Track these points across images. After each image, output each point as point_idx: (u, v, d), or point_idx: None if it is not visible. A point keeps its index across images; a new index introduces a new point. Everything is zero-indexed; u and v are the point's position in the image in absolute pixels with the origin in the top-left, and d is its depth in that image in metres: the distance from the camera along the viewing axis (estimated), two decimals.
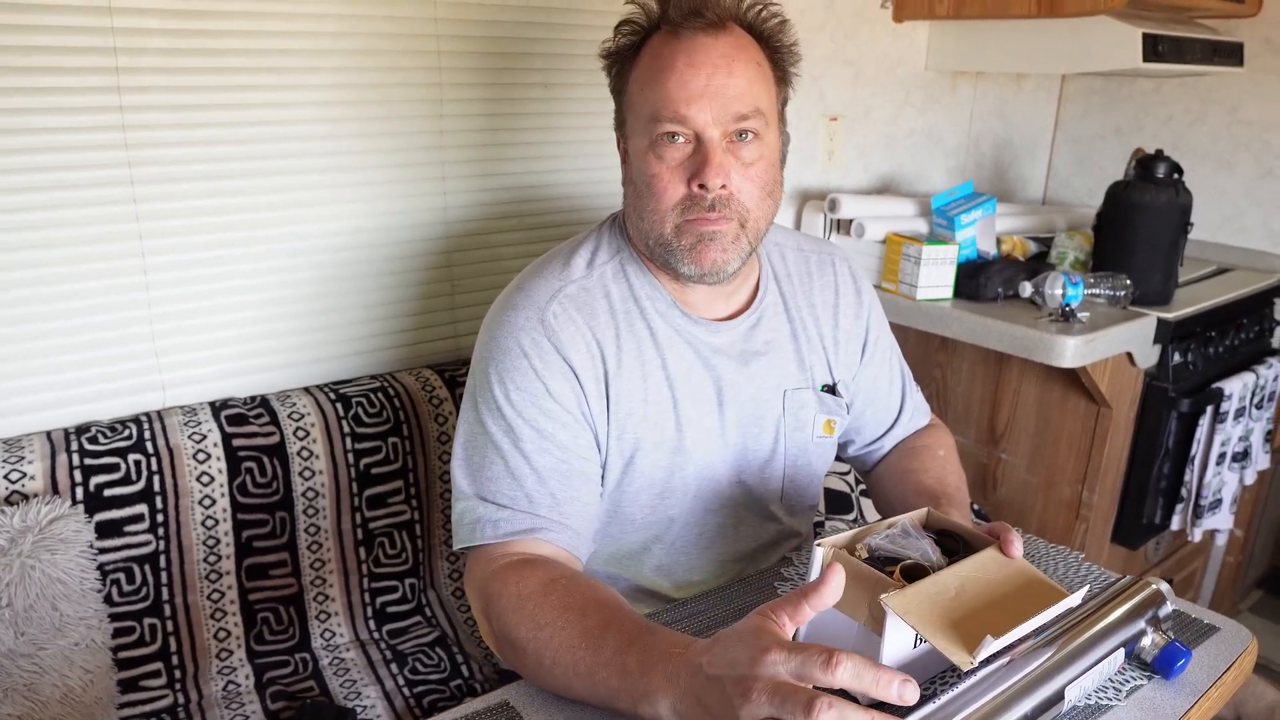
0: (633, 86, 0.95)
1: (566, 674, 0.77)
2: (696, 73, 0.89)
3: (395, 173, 1.42)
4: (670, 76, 0.90)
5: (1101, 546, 1.87)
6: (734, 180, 0.91)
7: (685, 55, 0.90)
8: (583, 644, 0.76)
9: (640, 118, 0.93)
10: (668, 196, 0.92)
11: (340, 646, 1.31)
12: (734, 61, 0.91)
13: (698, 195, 0.91)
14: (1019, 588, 0.78)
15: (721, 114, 0.90)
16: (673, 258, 0.94)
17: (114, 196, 1.21)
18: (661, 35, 0.93)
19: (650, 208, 0.93)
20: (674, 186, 0.92)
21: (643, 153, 0.93)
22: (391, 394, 1.37)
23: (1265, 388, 1.99)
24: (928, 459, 1.11)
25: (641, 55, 0.94)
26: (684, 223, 0.92)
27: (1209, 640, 0.89)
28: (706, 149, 0.90)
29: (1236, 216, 2.27)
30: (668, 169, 0.91)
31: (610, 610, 0.79)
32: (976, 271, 1.76)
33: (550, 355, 0.93)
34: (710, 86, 0.89)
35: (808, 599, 0.65)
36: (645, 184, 0.93)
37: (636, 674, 0.71)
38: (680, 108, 0.89)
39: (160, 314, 1.28)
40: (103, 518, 1.16)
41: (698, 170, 0.90)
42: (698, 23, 0.90)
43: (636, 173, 0.95)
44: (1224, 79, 2.22)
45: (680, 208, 0.92)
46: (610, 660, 0.74)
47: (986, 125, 2.41)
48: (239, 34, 1.24)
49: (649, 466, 0.99)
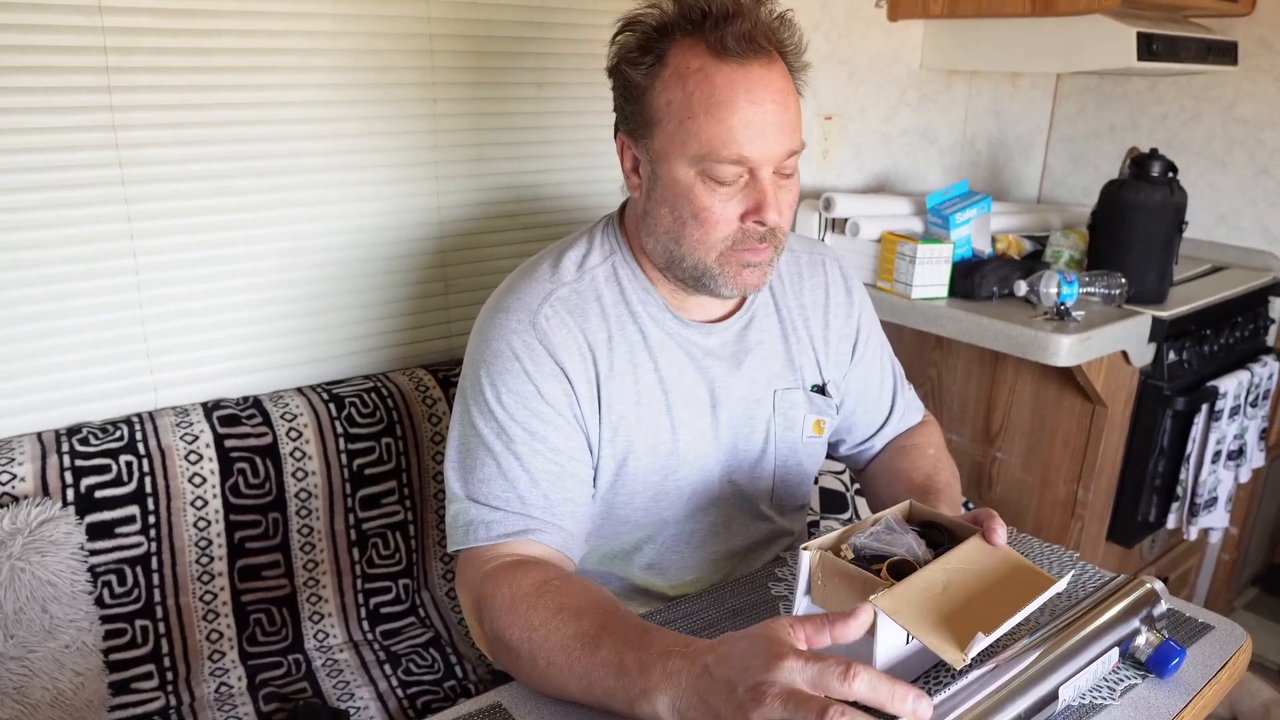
0: (667, 106, 0.89)
1: (561, 675, 0.77)
2: (759, 110, 0.87)
3: (389, 172, 1.42)
4: (731, 113, 0.86)
5: (1097, 545, 1.87)
6: (783, 212, 0.91)
7: (745, 91, 0.86)
8: (578, 644, 0.76)
9: (688, 147, 0.88)
10: (719, 230, 0.90)
11: (333, 647, 1.30)
12: (788, 96, 0.89)
13: (750, 229, 0.90)
14: (1005, 576, 0.78)
15: (778, 152, 0.89)
16: (713, 282, 0.94)
17: (105, 196, 1.20)
18: (704, 53, 0.87)
19: (696, 237, 0.91)
20: (726, 221, 0.90)
21: (688, 181, 0.90)
22: (385, 394, 1.37)
23: (1260, 386, 1.99)
24: (918, 457, 1.11)
25: (678, 68, 0.88)
26: (729, 252, 0.92)
27: (1203, 639, 0.89)
28: (763, 187, 0.89)
29: (1231, 215, 2.27)
30: (720, 202, 0.90)
31: (605, 611, 0.78)
32: (971, 270, 1.75)
33: (542, 357, 0.93)
34: (769, 125, 0.87)
35: (834, 628, 0.65)
36: (693, 214, 0.90)
37: (634, 672, 0.71)
38: (744, 149, 0.87)
39: (152, 314, 1.27)
40: (94, 519, 1.15)
41: (756, 207, 0.89)
42: (750, 50, 0.87)
43: (681, 201, 0.91)
44: (1218, 78, 2.22)
45: (731, 239, 0.91)
46: (606, 660, 0.73)
47: (981, 124, 2.41)
48: (231, 33, 1.24)
49: (642, 469, 0.99)
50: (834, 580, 0.78)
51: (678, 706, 0.67)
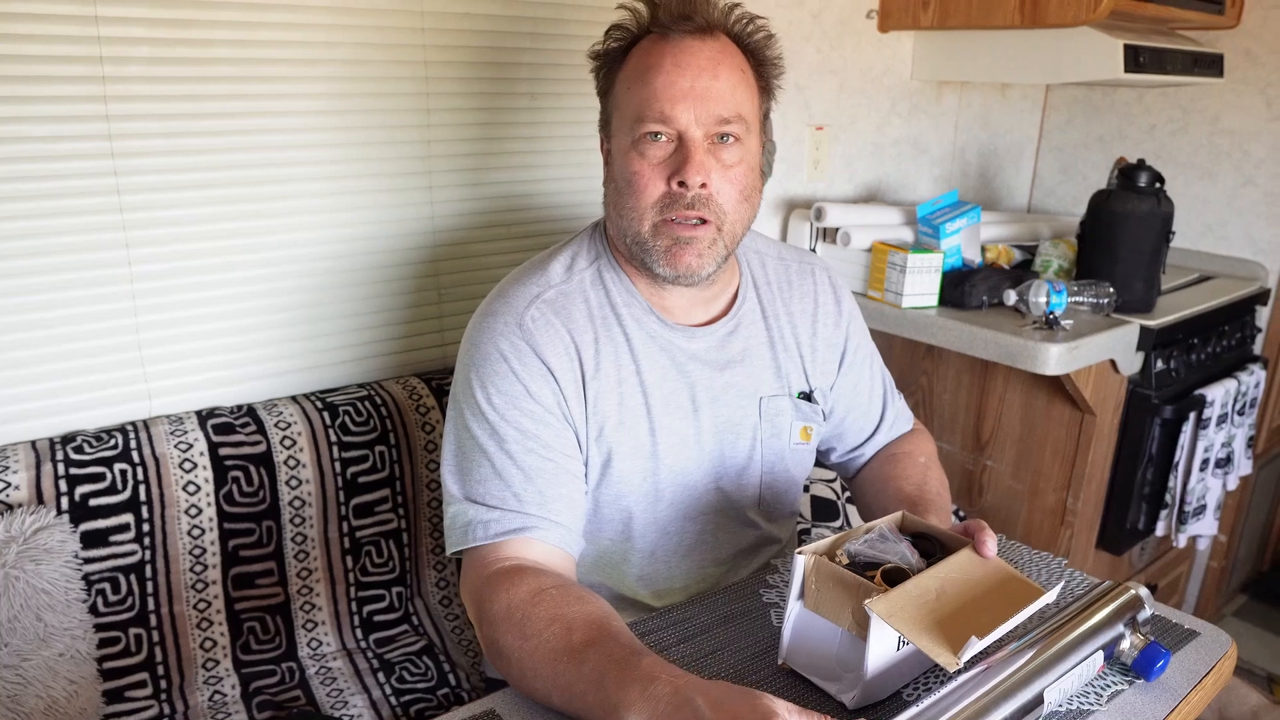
0: (619, 86, 0.97)
1: (546, 685, 0.78)
2: (683, 73, 0.91)
3: (382, 182, 1.43)
4: (657, 76, 0.92)
5: (1086, 552, 1.88)
6: (714, 180, 0.93)
7: (672, 56, 0.92)
8: (566, 657, 0.77)
9: (625, 116, 0.95)
10: (648, 193, 0.93)
11: (327, 655, 1.31)
12: (719, 65, 0.92)
13: (677, 193, 0.92)
14: (997, 586, 0.79)
15: (704, 115, 0.91)
16: (649, 257, 0.96)
17: (100, 206, 1.21)
18: (651, 38, 0.95)
19: (630, 204, 0.95)
20: (654, 184, 0.93)
21: (625, 150, 0.95)
22: (379, 403, 1.38)
23: (1247, 394, 2.01)
24: (909, 466, 1.12)
25: (630, 57, 0.97)
26: (662, 222, 0.94)
27: (1189, 645, 0.90)
28: (688, 147, 0.92)
29: (1218, 225, 2.29)
30: (649, 166, 0.93)
31: (598, 626, 0.79)
32: (961, 280, 1.77)
33: (529, 358, 0.94)
34: (695, 87, 0.91)
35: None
36: (626, 181, 0.95)
37: (611, 687, 0.71)
38: (665, 107, 0.91)
39: (147, 323, 1.28)
40: (88, 527, 1.16)
41: (679, 168, 0.92)
42: (686, 26, 0.93)
43: (618, 170, 0.96)
44: (1205, 89, 2.25)
45: (659, 205, 0.93)
46: (589, 674, 0.74)
47: (972, 134, 2.43)
48: (226, 43, 1.25)
49: (626, 471, 1.00)
50: (828, 585, 0.79)
51: None
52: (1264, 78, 2.16)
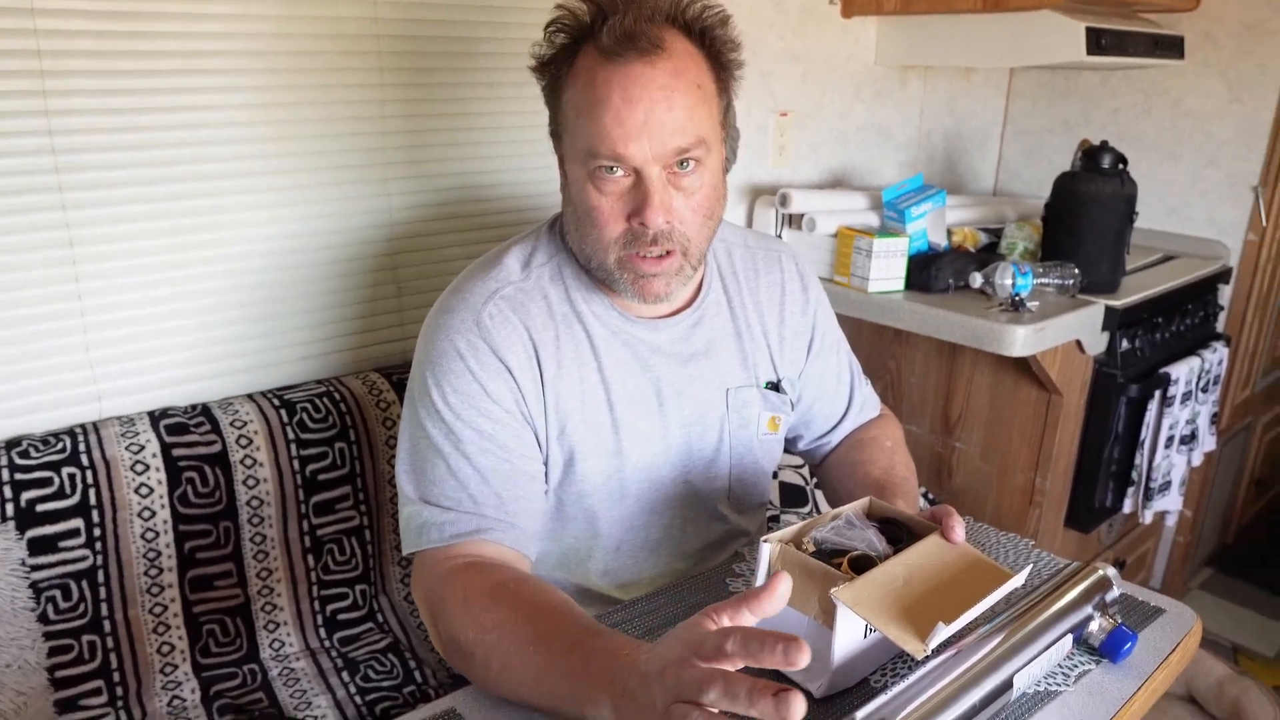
0: (567, 108, 0.90)
1: (515, 679, 0.76)
2: (633, 109, 0.84)
3: (337, 174, 1.39)
4: (606, 111, 0.84)
5: (1055, 531, 1.89)
6: (675, 211, 0.88)
7: (621, 89, 0.84)
8: (531, 647, 0.75)
9: (577, 145, 0.88)
10: (608, 230, 0.89)
11: (290, 656, 1.28)
12: (673, 93, 0.85)
13: (639, 230, 0.88)
14: (964, 571, 0.78)
15: (660, 150, 0.85)
16: (616, 286, 0.93)
17: (42, 203, 1.17)
18: (594, 55, 0.86)
19: (592, 237, 0.90)
20: (614, 221, 0.89)
21: (581, 181, 0.89)
22: (337, 399, 1.35)
23: (1210, 371, 2.03)
24: (875, 450, 1.11)
25: (576, 70, 0.88)
26: (625, 256, 0.90)
27: (1155, 622, 0.90)
28: (647, 187, 0.86)
29: (1181, 206, 2.31)
30: (607, 202, 0.88)
31: (559, 613, 0.78)
32: (927, 263, 1.77)
33: (486, 356, 0.92)
34: (649, 123, 0.84)
35: (748, 604, 0.62)
36: (584, 214, 0.90)
37: (581, 676, 0.70)
38: (617, 146, 0.85)
39: (94, 322, 1.24)
40: (35, 534, 1.12)
41: (638, 208, 0.87)
42: (629, 48, 0.84)
43: (576, 198, 0.91)
44: (1167, 72, 2.26)
45: (621, 241, 0.89)
46: (557, 664, 0.73)
47: (937, 119, 2.43)
48: (171, 35, 1.21)
49: (589, 470, 0.98)
50: (794, 573, 0.77)
51: (617, 708, 0.66)
52: (1224, 60, 2.18)
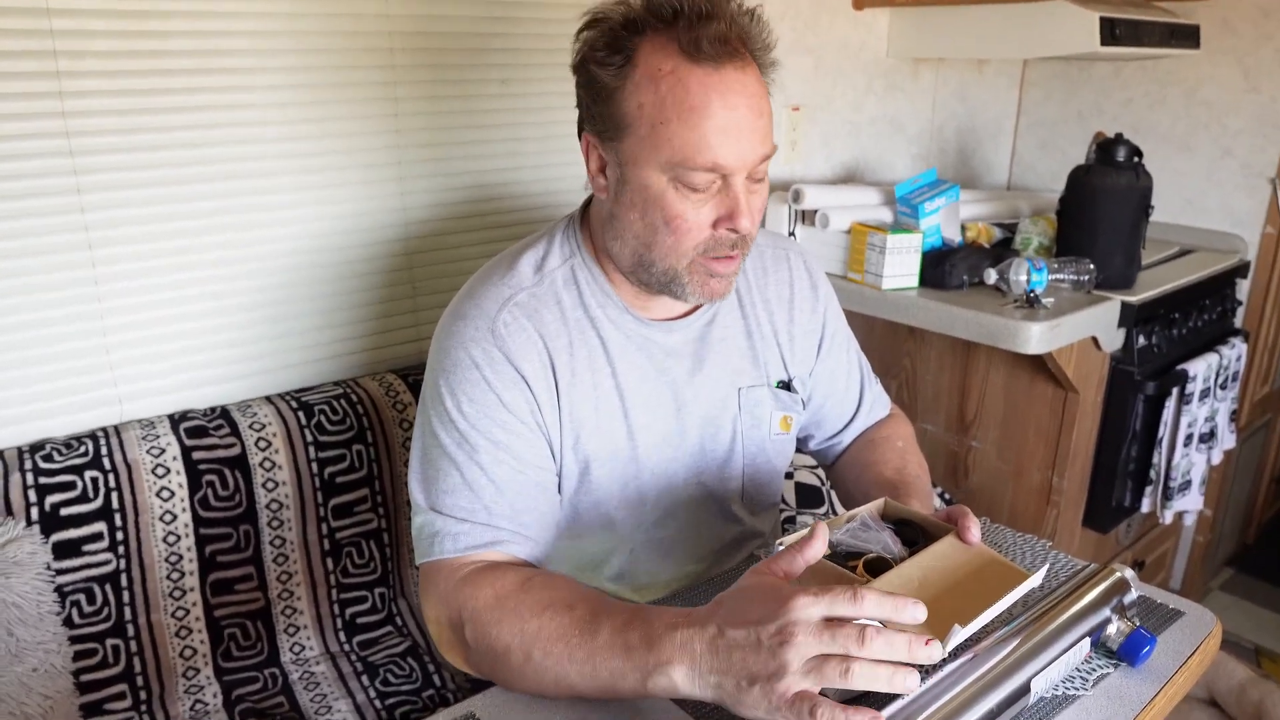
0: (644, 112, 0.85)
1: (562, 664, 0.76)
2: (733, 116, 0.84)
3: (352, 174, 1.40)
4: (706, 119, 0.83)
5: (1073, 531, 1.88)
6: (754, 215, 0.89)
7: (720, 96, 0.83)
8: (575, 631, 0.76)
9: (660, 153, 0.85)
10: (691, 236, 0.88)
11: (310, 660, 1.29)
12: (761, 100, 0.86)
13: (722, 236, 0.89)
14: (980, 572, 0.78)
15: (751, 158, 0.86)
16: (681, 289, 0.92)
17: (60, 206, 1.18)
18: (676, 55, 0.84)
19: (669, 244, 0.89)
20: (699, 228, 0.88)
21: (660, 186, 0.87)
22: (354, 400, 1.35)
23: (1229, 368, 2.01)
24: (887, 450, 1.11)
25: (649, 69, 0.85)
26: (701, 260, 0.90)
27: (1174, 625, 0.90)
28: (736, 194, 0.87)
29: (1197, 198, 2.29)
30: (693, 209, 0.87)
31: (594, 600, 0.79)
32: (941, 259, 1.76)
33: (502, 365, 0.91)
34: (744, 130, 0.85)
35: (801, 552, 0.69)
36: (665, 221, 0.88)
37: (642, 649, 0.71)
38: (719, 157, 0.84)
39: (114, 325, 1.25)
40: (60, 538, 1.13)
41: (729, 214, 0.87)
42: (725, 54, 0.83)
43: (652, 207, 0.88)
44: (1182, 61, 2.24)
45: (702, 247, 0.89)
46: (609, 642, 0.73)
47: (949, 111, 2.42)
48: (185, 34, 1.22)
49: (604, 477, 0.98)
50: (809, 576, 0.77)
51: (699, 672, 0.68)
52: (1241, 48, 2.15)
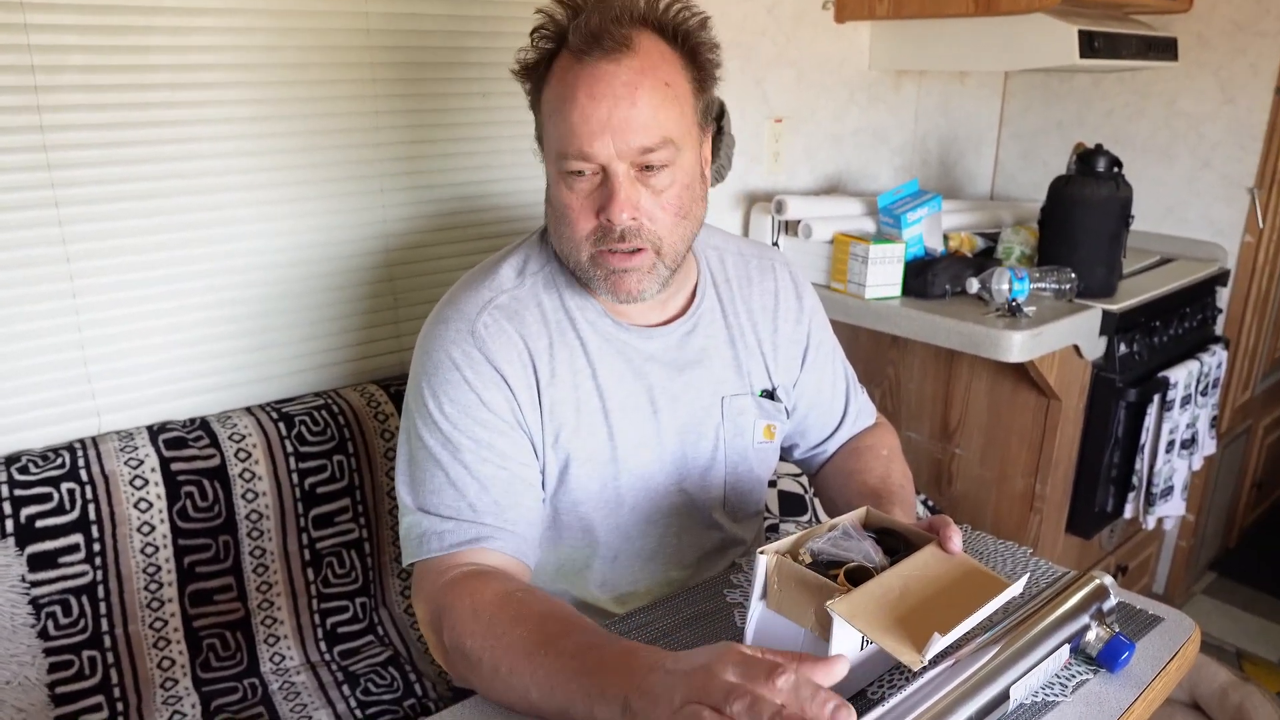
0: (544, 109, 0.92)
1: (524, 680, 0.76)
2: (597, 106, 0.86)
3: (332, 186, 1.40)
4: (573, 110, 0.86)
5: (1056, 537, 1.89)
6: (643, 209, 0.90)
7: (586, 86, 0.86)
8: (542, 650, 0.76)
9: (550, 146, 0.91)
10: (579, 227, 0.91)
11: (290, 670, 1.28)
12: (637, 90, 0.86)
13: (607, 226, 0.90)
14: (961, 581, 0.78)
15: (625, 147, 0.87)
16: (591, 284, 0.94)
17: (38, 219, 1.17)
18: (567, 57, 0.89)
19: (566, 235, 0.93)
20: (584, 218, 0.90)
21: (555, 179, 0.92)
22: (335, 411, 1.35)
23: (1209, 374, 2.03)
24: (871, 459, 1.11)
25: (552, 72, 0.90)
26: (597, 253, 0.91)
27: (1153, 631, 0.90)
28: (612, 183, 0.88)
29: (1177, 207, 2.31)
30: (577, 200, 0.90)
31: (570, 620, 0.79)
32: (924, 269, 1.77)
33: (482, 366, 0.92)
34: (612, 120, 0.86)
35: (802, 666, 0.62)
36: (559, 212, 0.92)
37: (595, 675, 0.71)
38: (582, 144, 0.86)
39: (92, 337, 1.24)
40: (35, 549, 1.12)
41: (604, 204, 0.89)
42: (595, 47, 0.86)
43: (552, 196, 0.94)
44: (1160, 73, 2.26)
45: (592, 238, 0.91)
46: (569, 665, 0.73)
47: (932, 123, 2.43)
48: (163, 49, 1.21)
49: (584, 477, 0.98)
50: (790, 585, 0.77)
51: (630, 704, 0.67)
52: (1216, 61, 2.18)
